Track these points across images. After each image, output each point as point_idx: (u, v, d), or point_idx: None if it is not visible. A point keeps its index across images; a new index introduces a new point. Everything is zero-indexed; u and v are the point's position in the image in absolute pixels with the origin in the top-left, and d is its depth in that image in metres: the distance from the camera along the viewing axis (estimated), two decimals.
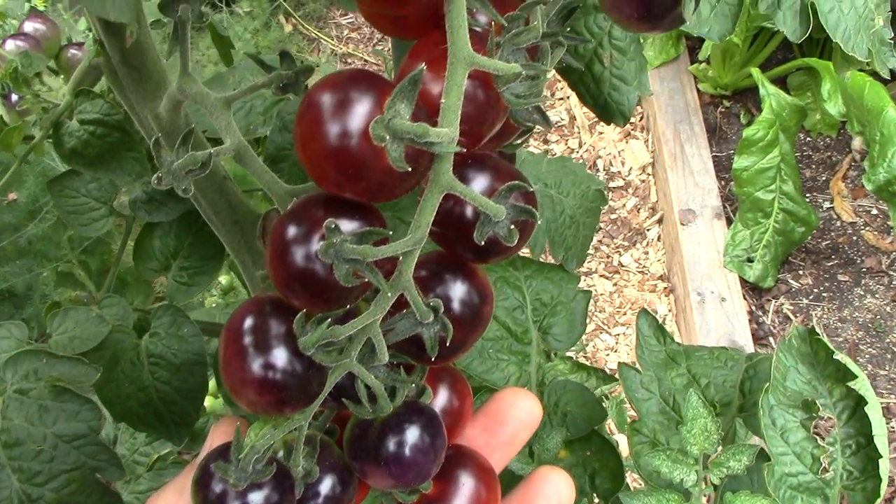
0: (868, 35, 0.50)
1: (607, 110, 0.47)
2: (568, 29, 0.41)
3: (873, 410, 0.51)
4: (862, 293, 1.92)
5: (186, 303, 0.68)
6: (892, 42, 0.54)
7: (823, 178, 2.07)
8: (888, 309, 1.89)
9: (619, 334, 1.95)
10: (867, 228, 1.99)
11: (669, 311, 1.97)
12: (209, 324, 0.63)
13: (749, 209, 1.89)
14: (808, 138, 2.11)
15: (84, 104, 0.55)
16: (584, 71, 0.47)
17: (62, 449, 0.51)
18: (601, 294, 1.99)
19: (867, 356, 1.84)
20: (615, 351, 1.92)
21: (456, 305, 0.35)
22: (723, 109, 2.17)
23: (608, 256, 2.04)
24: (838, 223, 2.01)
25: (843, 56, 1.88)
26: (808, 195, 2.03)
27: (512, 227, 0.32)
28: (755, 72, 1.90)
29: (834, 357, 0.55)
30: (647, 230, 2.06)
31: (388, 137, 0.29)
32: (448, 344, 0.33)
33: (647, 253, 2.04)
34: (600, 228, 2.08)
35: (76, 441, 0.51)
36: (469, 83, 0.31)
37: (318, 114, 0.29)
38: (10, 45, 0.66)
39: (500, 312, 0.74)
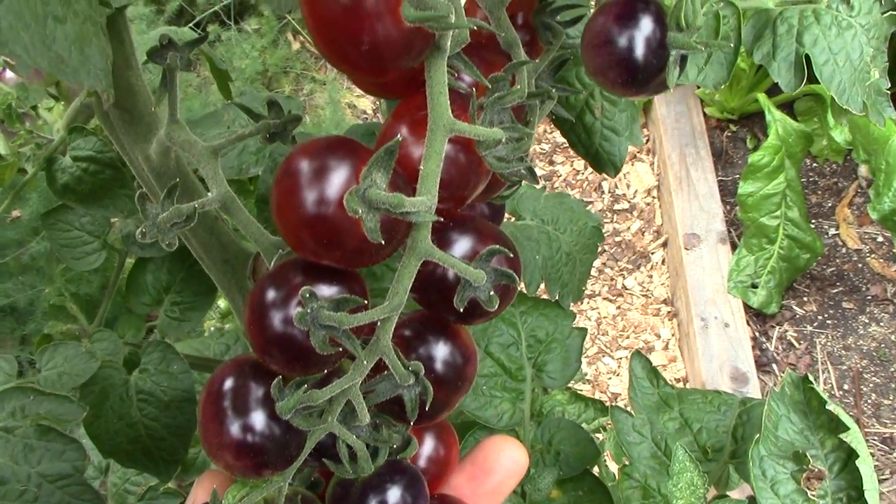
0: (863, 88, 0.50)
1: (598, 160, 0.47)
2: (558, 82, 0.41)
3: (864, 464, 0.50)
4: (867, 321, 1.91)
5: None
6: (888, 93, 0.53)
7: (829, 205, 2.06)
8: (893, 338, 1.88)
9: (621, 358, 1.94)
10: (873, 256, 1.98)
11: (673, 335, 1.96)
12: (200, 359, 0.62)
13: (754, 235, 1.88)
14: (815, 164, 2.10)
15: (77, 141, 0.55)
16: (576, 121, 0.46)
17: (46, 489, 0.50)
18: (604, 317, 1.99)
19: (871, 385, 1.83)
20: (617, 375, 1.91)
21: (438, 366, 0.34)
22: (729, 134, 2.17)
23: (612, 279, 2.04)
24: (844, 250, 2.00)
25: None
26: (813, 221, 2.02)
27: (492, 292, 0.31)
28: (761, 97, 1.90)
29: (826, 407, 0.55)
30: (652, 253, 2.06)
31: (362, 208, 0.28)
32: (430, 405, 0.33)
33: (651, 276, 2.03)
34: (604, 251, 2.08)
35: (60, 481, 0.50)
36: (450, 147, 0.31)
37: (294, 182, 0.29)
38: (10, 74, 0.67)
39: (495, 349, 0.74)
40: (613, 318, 1.99)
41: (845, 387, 1.84)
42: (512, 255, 0.33)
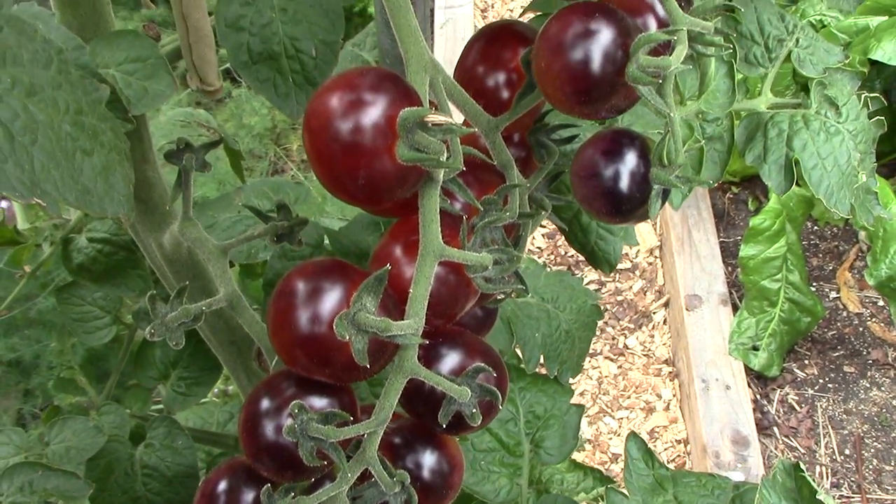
0: (851, 190, 0.52)
1: (594, 258, 0.49)
2: (553, 190, 0.43)
3: None
4: (868, 385, 1.91)
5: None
6: (876, 192, 0.55)
7: (830, 268, 2.07)
8: (894, 403, 1.88)
9: (622, 418, 1.94)
10: (873, 320, 1.99)
11: (674, 395, 1.96)
12: (203, 432, 0.64)
13: (755, 297, 1.89)
14: (816, 227, 2.12)
15: (93, 222, 0.57)
16: (572, 220, 0.48)
17: None
18: (605, 376, 1.99)
19: (872, 450, 1.82)
20: (618, 435, 1.91)
21: (424, 474, 0.36)
22: (731, 195, 2.19)
23: (613, 338, 2.04)
24: (844, 313, 2.01)
25: None
26: (814, 284, 2.03)
27: (475, 409, 0.33)
28: None
29: (817, 497, 0.56)
30: (654, 313, 2.07)
31: (351, 332, 0.30)
32: None
33: (652, 336, 2.04)
34: (607, 309, 2.09)
35: None
36: (440, 268, 0.33)
37: (288, 303, 0.31)
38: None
39: (493, 424, 0.75)
40: (615, 378, 1.99)
41: (846, 452, 1.84)
42: (496, 374, 0.34)
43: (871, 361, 1.93)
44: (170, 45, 0.46)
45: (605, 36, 0.31)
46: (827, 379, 1.93)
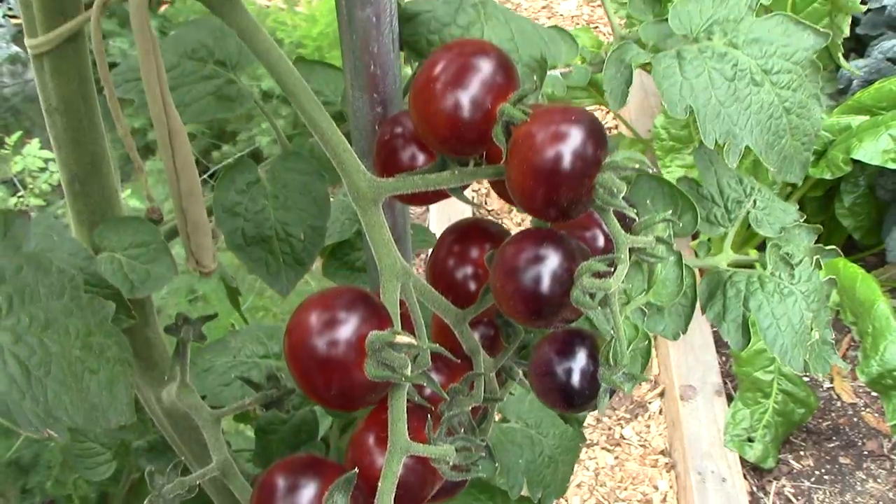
0: (804, 348, 0.55)
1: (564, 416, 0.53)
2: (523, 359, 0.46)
3: None
4: (864, 477, 1.92)
5: None
6: (833, 342, 0.59)
7: None
8: (890, 495, 1.88)
9: None
10: (867, 410, 2.00)
11: (671, 487, 1.97)
12: None
13: (749, 389, 1.91)
14: None
15: None
16: None
17: None
18: (602, 467, 2.00)
19: None
20: None
21: None
22: None
23: (609, 429, 2.06)
24: (839, 403, 2.02)
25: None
26: (808, 374, 2.05)
27: None
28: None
29: None
30: (649, 403, 2.09)
31: None
32: None
33: (648, 426, 2.06)
34: None
35: None
36: (408, 459, 0.36)
37: (267, 498, 0.35)
38: None
39: None
40: (611, 469, 2.00)
41: None
42: None
43: (866, 452, 1.94)
44: (170, 223, 0.50)
45: (552, 262, 0.35)
46: (823, 470, 1.93)
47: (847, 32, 0.64)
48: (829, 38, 0.51)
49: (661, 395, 2.09)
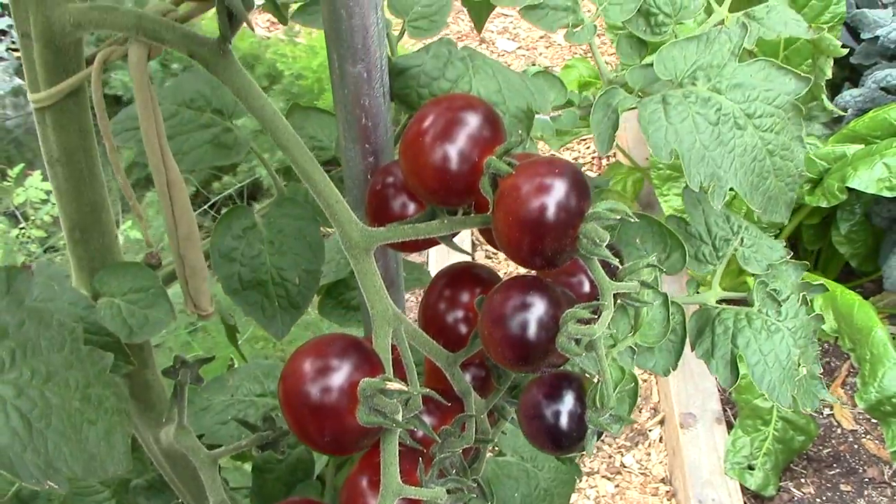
0: (792, 384, 0.56)
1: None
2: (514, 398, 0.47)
3: None
4: None
5: None
6: (821, 377, 0.60)
7: None
8: None
9: None
10: (867, 437, 2.00)
11: None
12: None
13: (748, 416, 1.92)
14: None
15: None
16: None
17: None
18: (602, 496, 2.00)
19: None
20: None
21: None
22: None
23: (610, 457, 2.06)
24: (839, 430, 2.02)
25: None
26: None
27: None
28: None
29: None
30: (650, 431, 2.08)
31: None
32: None
33: (649, 454, 2.06)
34: None
35: None
36: (401, 501, 0.37)
37: None
38: None
39: None
40: (612, 497, 1.99)
41: None
42: None
43: (867, 480, 1.94)
44: (167, 268, 0.51)
45: (538, 310, 0.36)
46: (824, 498, 1.93)
47: (829, 74, 0.65)
48: (810, 83, 0.52)
49: (662, 422, 2.09)
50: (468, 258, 2.00)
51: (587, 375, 0.40)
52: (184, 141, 0.50)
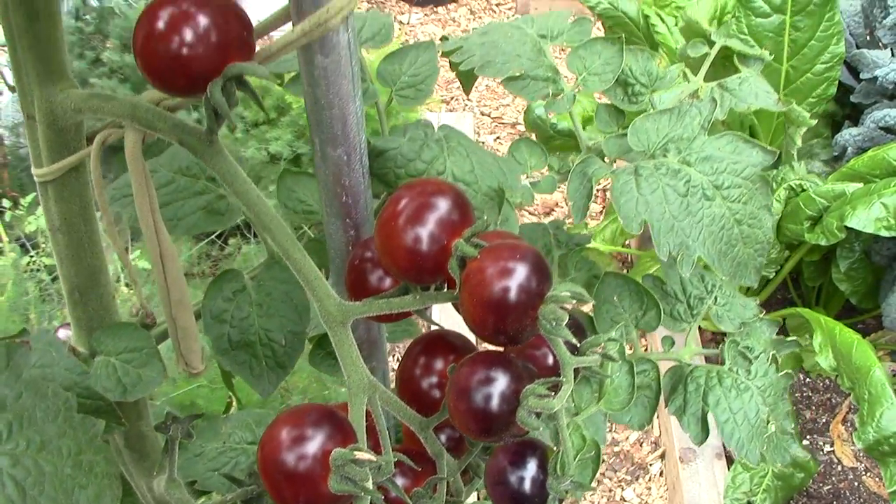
0: (761, 441, 0.58)
1: None
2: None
3: None
4: None
5: None
6: (792, 432, 0.62)
7: (823, 420, 2.10)
8: None
9: None
10: (868, 475, 2.00)
11: None
12: None
13: None
14: (808, 379, 2.17)
15: None
16: None
17: None
18: None
19: None
20: None
21: None
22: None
23: (610, 490, 2.07)
24: (839, 467, 2.03)
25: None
26: (808, 437, 2.06)
27: None
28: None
29: None
30: (650, 465, 2.09)
31: None
32: None
33: (649, 488, 2.06)
34: (603, 460, 2.12)
35: None
36: None
37: None
38: (62, 333, 0.77)
39: None
40: None
41: None
42: None
43: None
44: (161, 326, 0.54)
45: (500, 384, 0.38)
46: None
47: (800, 143, 0.68)
48: (775, 156, 0.55)
49: (662, 457, 2.10)
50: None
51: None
52: (179, 207, 0.53)
